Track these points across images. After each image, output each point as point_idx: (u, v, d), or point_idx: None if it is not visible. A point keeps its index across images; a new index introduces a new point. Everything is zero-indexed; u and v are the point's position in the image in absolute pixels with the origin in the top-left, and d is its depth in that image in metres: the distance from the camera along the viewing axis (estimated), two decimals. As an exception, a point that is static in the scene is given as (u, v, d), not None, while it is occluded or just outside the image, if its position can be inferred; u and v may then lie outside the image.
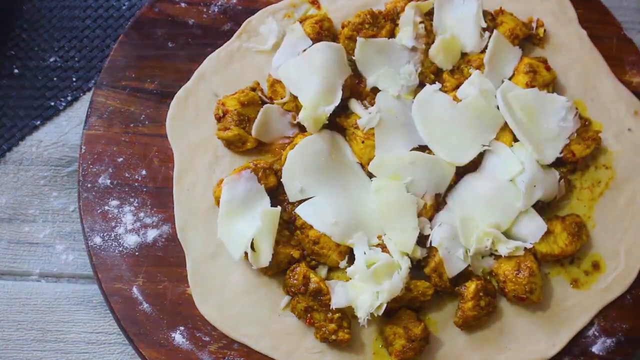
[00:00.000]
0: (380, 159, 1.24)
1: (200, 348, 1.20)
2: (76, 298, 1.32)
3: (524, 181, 1.22)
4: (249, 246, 1.18)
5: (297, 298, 1.19)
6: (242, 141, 1.28)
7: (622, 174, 1.32)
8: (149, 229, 1.26)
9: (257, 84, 1.33)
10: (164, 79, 1.35)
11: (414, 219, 1.21)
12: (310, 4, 1.41)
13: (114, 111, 1.33)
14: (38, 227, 1.36)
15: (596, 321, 1.24)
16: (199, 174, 1.29)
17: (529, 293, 1.20)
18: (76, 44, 1.47)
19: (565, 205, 1.30)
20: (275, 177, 1.25)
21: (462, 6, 1.35)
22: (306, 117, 1.24)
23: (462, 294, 1.20)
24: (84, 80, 1.45)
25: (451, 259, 1.20)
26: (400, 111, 1.28)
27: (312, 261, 1.23)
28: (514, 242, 1.21)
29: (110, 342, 1.29)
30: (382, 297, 1.15)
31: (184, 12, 1.39)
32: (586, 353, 1.23)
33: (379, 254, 1.19)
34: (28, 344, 1.29)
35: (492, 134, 1.27)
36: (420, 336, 1.17)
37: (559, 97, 1.29)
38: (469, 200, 1.24)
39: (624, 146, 1.34)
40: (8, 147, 1.40)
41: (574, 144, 1.28)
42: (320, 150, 1.25)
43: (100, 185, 1.28)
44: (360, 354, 1.21)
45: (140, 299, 1.22)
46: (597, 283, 1.26)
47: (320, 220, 1.20)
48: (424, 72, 1.33)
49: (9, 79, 1.44)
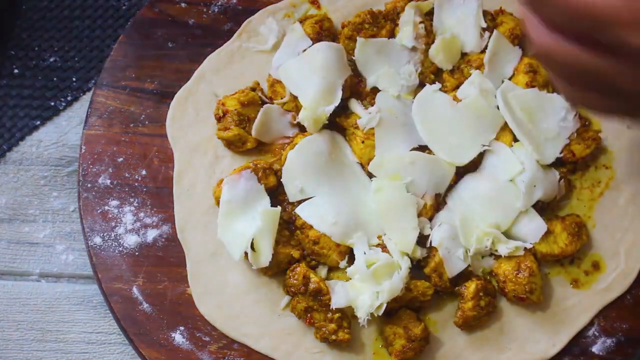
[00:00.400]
0: (380, 159, 1.24)
1: (200, 348, 1.20)
2: (76, 298, 1.32)
3: (524, 181, 1.22)
4: (249, 246, 1.18)
5: (297, 298, 1.19)
6: (242, 141, 1.28)
7: (622, 174, 1.32)
8: (149, 229, 1.26)
9: (257, 84, 1.33)
10: (164, 79, 1.35)
11: (414, 219, 1.21)
12: (310, 4, 1.41)
13: (114, 111, 1.33)
14: (38, 227, 1.36)
15: (596, 321, 1.24)
16: (199, 174, 1.29)
17: (529, 293, 1.20)
18: (76, 44, 1.47)
19: (565, 205, 1.30)
20: (275, 177, 1.25)
21: (462, 6, 1.35)
22: (306, 117, 1.24)
23: (462, 294, 1.20)
24: (84, 80, 1.45)
25: (451, 259, 1.20)
26: (400, 111, 1.28)
27: (312, 261, 1.23)
28: (514, 242, 1.21)
29: (110, 342, 1.29)
30: (382, 297, 1.15)
31: (184, 12, 1.39)
32: (586, 353, 1.23)
33: (379, 254, 1.19)
34: (28, 344, 1.29)
35: (492, 134, 1.27)
36: (420, 336, 1.17)
37: (559, 97, 1.29)
38: (469, 200, 1.24)
39: (624, 146, 1.34)
40: (8, 147, 1.40)
41: (574, 144, 1.28)
42: (320, 150, 1.25)
43: (100, 185, 1.28)
44: (360, 354, 1.21)
45: (140, 299, 1.22)
46: (597, 283, 1.26)
47: (320, 220, 1.20)
48: (424, 72, 1.33)
49: (9, 79, 1.44)
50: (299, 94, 1.26)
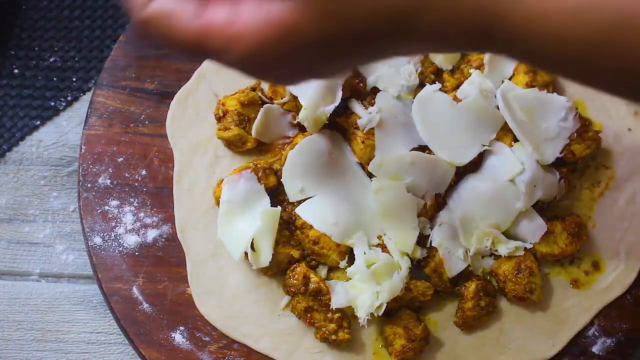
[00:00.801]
0: (380, 159, 1.24)
1: (200, 348, 1.20)
2: (76, 298, 1.32)
3: (524, 181, 1.22)
4: (249, 246, 1.18)
5: (297, 298, 1.19)
6: (242, 141, 1.28)
7: (622, 174, 1.32)
8: (149, 229, 1.26)
9: (257, 84, 1.33)
10: (164, 79, 1.35)
11: (414, 219, 1.21)
12: (310, 4, 1.40)
13: (114, 111, 1.33)
14: (38, 227, 1.36)
15: (596, 321, 1.24)
16: (199, 174, 1.29)
17: (529, 293, 1.20)
18: (76, 44, 1.47)
19: (565, 205, 1.30)
20: (275, 177, 1.25)
21: (462, 6, 1.35)
22: (306, 117, 1.24)
23: (462, 294, 1.20)
24: (84, 80, 1.45)
25: (451, 259, 1.20)
26: (400, 111, 1.28)
27: (312, 261, 1.23)
28: (514, 242, 1.21)
29: (110, 342, 1.29)
30: (382, 297, 1.15)
31: (184, 12, 1.39)
32: (586, 353, 1.23)
33: (379, 254, 1.19)
34: (28, 344, 1.29)
35: (492, 134, 1.27)
36: (420, 336, 1.17)
37: (559, 97, 1.29)
38: (469, 200, 1.24)
39: (624, 146, 1.34)
40: (8, 147, 1.40)
41: (574, 144, 1.28)
42: (320, 150, 1.25)
43: (100, 185, 1.28)
44: (360, 354, 1.21)
45: (140, 299, 1.22)
46: (597, 283, 1.26)
47: (320, 220, 1.20)
48: (424, 72, 1.33)
49: (9, 79, 1.44)
50: (299, 94, 1.26)
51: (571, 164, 1.30)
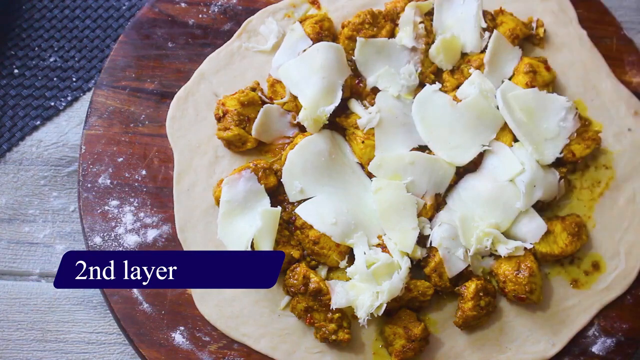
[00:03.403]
0: (380, 159, 1.24)
1: (200, 348, 1.20)
2: (76, 298, 1.32)
3: (524, 181, 1.22)
4: (249, 246, 1.18)
5: (297, 298, 1.19)
6: (242, 141, 1.28)
7: (622, 174, 1.32)
8: (149, 229, 1.26)
9: (257, 84, 1.33)
10: (164, 79, 1.35)
11: (414, 219, 1.21)
12: (310, 4, 1.41)
13: (114, 111, 1.33)
14: (38, 227, 1.36)
15: (596, 321, 1.24)
16: (199, 174, 1.29)
17: (529, 293, 1.20)
18: (76, 44, 1.47)
19: (565, 205, 1.30)
20: (275, 177, 1.25)
21: (462, 6, 1.35)
22: (306, 117, 1.24)
23: (462, 294, 1.20)
24: (84, 80, 1.45)
25: (451, 259, 1.20)
26: (400, 111, 1.28)
27: (312, 261, 1.23)
28: (514, 242, 1.21)
29: (110, 342, 1.30)
30: (382, 297, 1.15)
31: (184, 12, 1.39)
32: (586, 353, 1.23)
33: (379, 254, 1.19)
34: (28, 344, 1.29)
35: (492, 134, 1.27)
36: (420, 336, 1.17)
37: (559, 97, 1.29)
38: (469, 200, 1.24)
39: (624, 146, 1.34)
40: (8, 147, 1.40)
41: (574, 144, 1.28)
42: (320, 150, 1.25)
43: (100, 185, 1.28)
44: (360, 354, 1.21)
45: (140, 299, 1.22)
46: (597, 283, 1.26)
47: (320, 220, 1.20)
48: (424, 72, 1.33)
49: (9, 79, 1.44)
50: (299, 94, 1.26)
51: (571, 164, 1.31)
